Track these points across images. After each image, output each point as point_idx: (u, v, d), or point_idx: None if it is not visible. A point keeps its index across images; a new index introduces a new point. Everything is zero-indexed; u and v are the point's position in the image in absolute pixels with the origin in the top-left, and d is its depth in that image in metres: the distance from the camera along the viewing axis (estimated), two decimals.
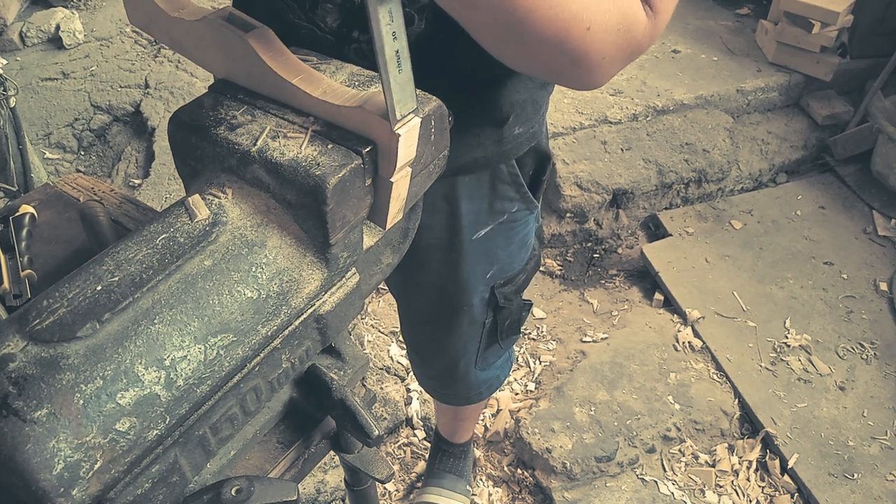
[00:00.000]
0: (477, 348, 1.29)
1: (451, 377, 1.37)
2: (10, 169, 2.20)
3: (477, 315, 1.20)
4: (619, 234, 2.61)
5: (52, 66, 3.09)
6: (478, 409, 1.77)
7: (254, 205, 0.64)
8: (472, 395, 1.44)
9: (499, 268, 1.16)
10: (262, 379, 0.64)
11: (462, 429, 1.81)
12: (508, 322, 1.25)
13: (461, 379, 1.36)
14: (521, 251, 1.18)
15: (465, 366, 1.32)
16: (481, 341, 1.27)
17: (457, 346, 1.27)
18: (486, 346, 1.29)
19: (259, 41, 0.65)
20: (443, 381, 1.42)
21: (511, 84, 0.92)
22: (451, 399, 1.51)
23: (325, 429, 0.81)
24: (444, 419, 1.82)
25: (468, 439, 1.86)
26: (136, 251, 0.59)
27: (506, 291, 1.19)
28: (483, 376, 1.39)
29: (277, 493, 0.64)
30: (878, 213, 2.58)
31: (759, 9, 3.18)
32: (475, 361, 1.32)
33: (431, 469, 1.86)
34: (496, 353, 1.35)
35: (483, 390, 1.43)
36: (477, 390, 1.42)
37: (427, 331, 1.30)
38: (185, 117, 0.67)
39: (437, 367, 1.37)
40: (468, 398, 1.46)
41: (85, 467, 0.50)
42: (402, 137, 0.61)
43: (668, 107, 2.65)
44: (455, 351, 1.28)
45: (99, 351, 0.53)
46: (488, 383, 1.42)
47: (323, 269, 0.65)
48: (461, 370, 1.33)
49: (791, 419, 1.96)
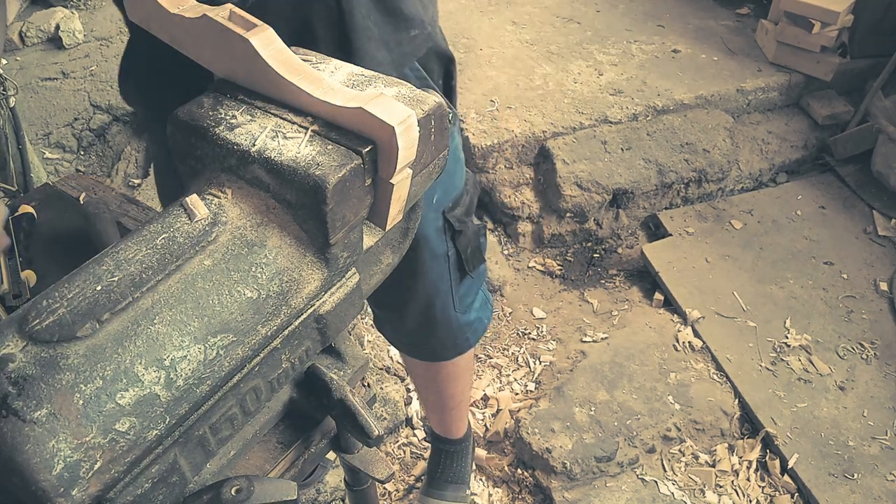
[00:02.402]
0: (449, 286, 1.27)
1: (430, 324, 1.33)
2: (9, 169, 2.20)
3: (436, 247, 1.20)
4: (619, 233, 2.61)
5: (52, 66, 3.09)
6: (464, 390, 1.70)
7: (253, 205, 0.64)
8: (458, 341, 1.40)
9: (442, 190, 1.16)
10: (262, 379, 0.64)
11: (455, 418, 1.76)
12: (470, 249, 1.25)
13: (442, 324, 1.34)
14: (457, 167, 1.19)
15: (443, 308, 1.30)
16: (451, 276, 1.26)
17: (426, 285, 1.25)
18: (458, 281, 1.28)
19: (260, 40, 0.64)
20: (424, 332, 1.37)
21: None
22: (441, 351, 1.45)
23: (325, 429, 0.81)
24: (435, 413, 1.78)
25: (465, 432, 1.83)
26: (136, 251, 0.59)
27: (457, 214, 1.19)
28: (465, 319, 1.36)
29: (277, 493, 0.64)
30: (878, 213, 2.58)
31: (760, 9, 3.18)
32: (452, 302, 1.30)
33: (433, 477, 1.84)
34: (470, 290, 1.34)
35: (469, 335, 1.40)
36: (463, 335, 1.39)
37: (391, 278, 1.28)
38: (185, 117, 0.66)
39: (412, 317, 1.33)
40: (455, 345, 1.42)
41: (85, 467, 0.50)
42: (402, 138, 0.61)
43: (669, 106, 2.65)
44: (426, 292, 1.26)
45: (99, 351, 0.53)
46: (472, 327, 1.40)
47: (323, 269, 0.65)
48: (438, 313, 1.31)
49: (791, 419, 1.96)
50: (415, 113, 0.63)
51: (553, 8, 3.20)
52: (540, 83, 2.71)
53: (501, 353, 2.26)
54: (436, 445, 1.84)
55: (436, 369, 1.55)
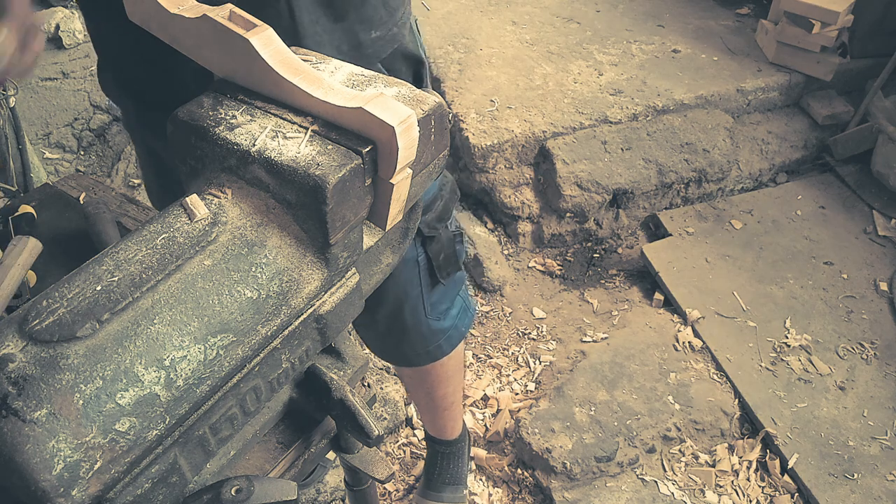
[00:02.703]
0: (420, 292, 1.25)
1: (401, 329, 1.31)
2: (9, 169, 2.20)
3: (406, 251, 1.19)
4: (619, 233, 2.61)
5: (52, 66, 3.09)
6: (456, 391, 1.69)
7: (253, 205, 0.64)
8: (430, 347, 1.38)
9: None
10: (262, 379, 0.64)
11: (448, 419, 1.75)
12: (443, 256, 1.23)
13: (413, 329, 1.32)
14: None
15: (412, 313, 1.28)
16: (421, 282, 1.24)
17: (395, 289, 1.22)
18: (429, 288, 1.26)
19: (260, 40, 0.64)
20: (394, 336, 1.35)
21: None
22: (411, 357, 1.42)
23: (325, 429, 0.81)
24: (427, 415, 1.77)
25: (460, 433, 1.82)
26: (136, 251, 0.59)
27: (428, 220, 1.17)
28: (438, 326, 1.34)
29: (277, 493, 0.64)
30: (878, 213, 2.58)
31: (760, 8, 3.18)
32: (423, 308, 1.28)
33: (430, 479, 1.83)
34: (445, 297, 1.32)
35: (442, 342, 1.38)
36: (435, 342, 1.37)
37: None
38: (185, 117, 0.66)
39: (383, 322, 1.31)
40: (427, 352, 1.39)
41: (85, 467, 0.50)
42: (402, 138, 0.61)
43: (669, 106, 2.65)
44: (395, 295, 1.24)
45: (98, 351, 0.53)
46: (447, 334, 1.37)
47: (323, 269, 0.65)
48: (408, 318, 1.29)
49: (791, 419, 1.96)
50: (415, 113, 0.63)
51: (553, 8, 3.20)
52: (540, 83, 2.71)
53: (501, 353, 2.26)
54: (431, 447, 1.84)
55: (423, 372, 1.53)
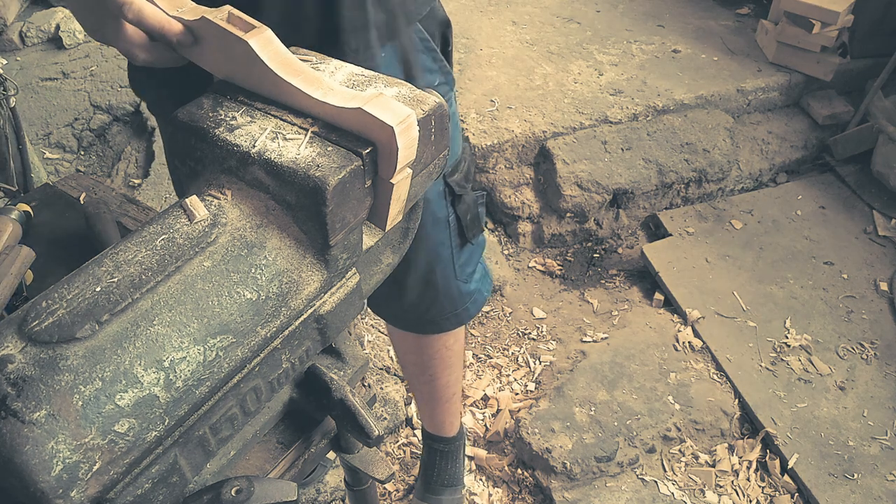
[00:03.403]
0: (451, 253, 1.28)
1: (432, 291, 1.33)
2: (9, 169, 2.20)
3: (437, 210, 1.20)
4: (620, 233, 2.61)
5: (52, 66, 3.09)
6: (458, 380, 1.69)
7: (253, 206, 0.64)
8: (458, 310, 1.40)
9: None
10: (262, 379, 0.64)
11: (447, 413, 1.75)
12: (470, 217, 1.26)
13: (444, 292, 1.34)
14: (455, 132, 1.19)
15: (444, 275, 1.30)
16: (451, 243, 1.27)
17: (427, 251, 1.25)
18: (458, 248, 1.29)
19: (258, 41, 0.64)
20: (425, 301, 1.36)
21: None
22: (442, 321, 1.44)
23: (325, 429, 0.81)
24: (426, 407, 1.76)
25: (458, 430, 1.81)
26: (136, 252, 0.59)
27: (457, 179, 1.20)
28: (465, 288, 1.37)
29: (277, 494, 0.64)
30: (878, 213, 2.58)
31: (760, 8, 3.18)
32: (454, 270, 1.31)
33: (428, 481, 1.82)
34: (471, 259, 1.35)
35: (469, 305, 1.41)
36: (463, 304, 1.40)
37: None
38: (185, 118, 0.66)
39: (415, 287, 1.32)
40: (456, 315, 1.42)
41: (84, 468, 0.50)
42: (401, 138, 0.61)
43: (669, 107, 2.65)
44: (427, 258, 1.26)
45: (98, 352, 0.53)
46: (472, 297, 1.41)
47: (322, 271, 0.65)
48: (440, 279, 1.31)
49: (791, 419, 1.96)
50: (415, 113, 0.63)
51: (553, 8, 3.20)
52: (540, 83, 2.71)
53: (501, 353, 2.26)
54: (429, 445, 1.83)
55: (429, 354, 1.54)
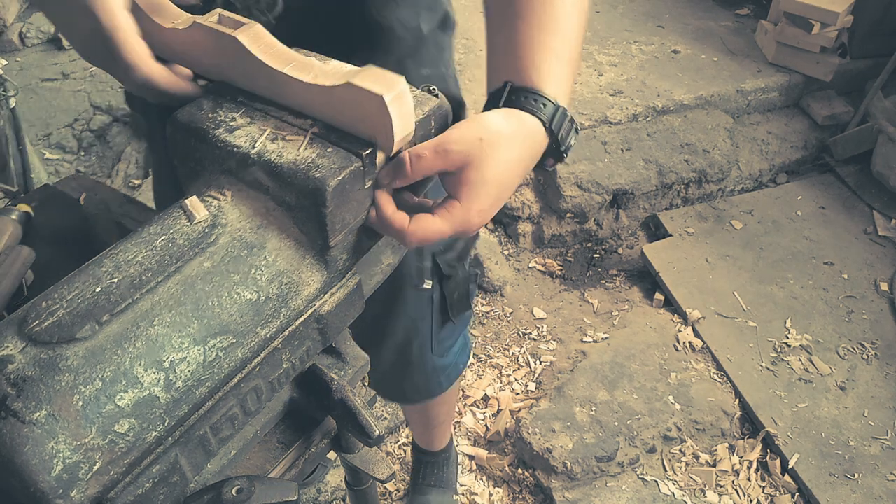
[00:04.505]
0: (430, 329, 1.24)
1: (405, 364, 1.30)
2: (10, 169, 2.20)
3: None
4: (620, 234, 2.61)
5: (52, 67, 3.09)
6: (449, 411, 1.71)
7: (253, 207, 0.64)
8: (431, 385, 1.37)
9: None
10: (263, 379, 0.64)
11: (437, 435, 1.76)
12: (457, 295, 1.22)
13: (417, 366, 1.30)
14: None
15: (420, 349, 1.27)
16: (433, 319, 1.23)
17: (406, 325, 1.21)
18: (439, 325, 1.24)
19: (248, 36, 0.65)
20: (398, 373, 1.33)
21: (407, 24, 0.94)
22: (411, 394, 1.41)
23: (326, 429, 0.81)
24: (418, 429, 1.78)
25: (447, 444, 1.82)
26: (136, 253, 0.59)
27: (448, 259, 1.16)
28: (441, 363, 1.33)
29: (278, 494, 0.64)
30: (878, 214, 2.58)
31: (759, 9, 3.18)
32: (430, 345, 1.27)
33: (415, 484, 1.83)
34: (451, 334, 1.31)
35: (442, 379, 1.37)
36: (436, 379, 1.36)
37: (371, 313, 1.24)
38: (184, 119, 0.67)
39: (388, 356, 1.28)
40: (428, 389, 1.38)
41: (84, 469, 0.50)
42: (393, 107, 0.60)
43: (669, 107, 2.65)
44: (405, 331, 1.23)
45: (98, 352, 0.53)
46: (447, 372, 1.36)
47: (322, 271, 0.65)
48: (415, 354, 1.27)
49: (791, 419, 1.96)
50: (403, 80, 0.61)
51: None
52: None
53: (502, 353, 2.26)
54: (416, 455, 1.84)
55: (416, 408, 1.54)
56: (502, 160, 0.64)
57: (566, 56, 0.71)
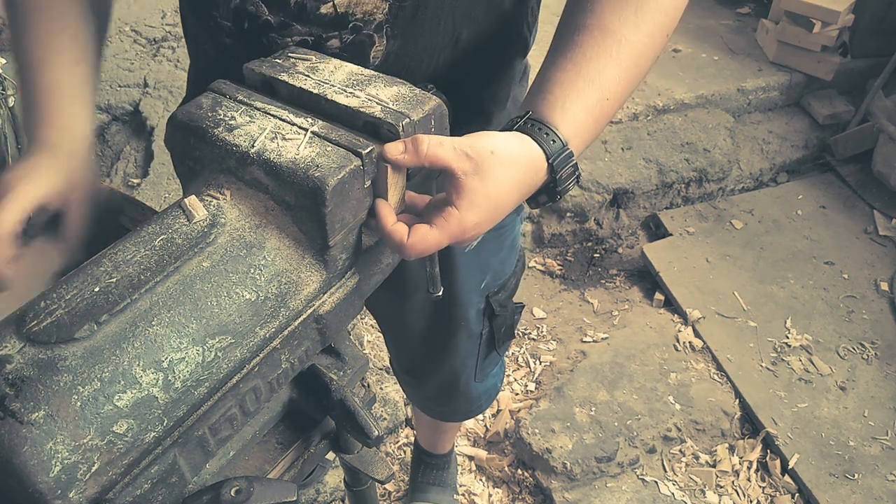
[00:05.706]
0: (475, 361, 1.26)
1: (450, 394, 1.33)
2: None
3: (474, 327, 1.18)
4: (620, 233, 2.61)
5: None
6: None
7: (252, 206, 0.63)
8: (472, 408, 1.41)
9: (492, 276, 1.14)
10: (262, 379, 0.64)
11: (444, 440, 1.77)
12: (504, 329, 1.23)
13: (462, 395, 1.33)
14: (511, 255, 1.17)
15: (466, 382, 1.29)
16: (479, 353, 1.24)
17: (455, 362, 1.24)
18: (484, 357, 1.26)
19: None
20: (442, 400, 1.38)
21: (494, 82, 0.94)
22: (451, 416, 1.47)
23: (325, 429, 0.81)
24: (425, 431, 1.79)
25: (450, 449, 1.84)
26: (134, 252, 0.59)
27: (500, 298, 1.18)
28: (482, 388, 1.36)
29: (277, 494, 0.63)
30: (878, 213, 2.57)
31: (760, 8, 3.18)
32: (474, 375, 1.29)
33: (415, 482, 1.83)
34: (494, 362, 1.33)
35: (483, 402, 1.40)
36: (477, 403, 1.39)
37: (423, 351, 1.26)
38: (184, 118, 0.66)
39: (434, 387, 1.33)
40: (468, 412, 1.43)
41: (82, 469, 0.50)
42: None
43: (669, 106, 2.65)
44: (454, 367, 1.25)
45: (96, 353, 0.52)
46: (487, 394, 1.39)
47: (322, 271, 0.64)
48: (462, 386, 1.30)
49: (792, 419, 1.96)
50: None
51: (552, 7, 3.18)
52: None
53: None
54: (417, 456, 1.85)
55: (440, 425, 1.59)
56: (505, 179, 0.65)
57: (595, 111, 0.72)
